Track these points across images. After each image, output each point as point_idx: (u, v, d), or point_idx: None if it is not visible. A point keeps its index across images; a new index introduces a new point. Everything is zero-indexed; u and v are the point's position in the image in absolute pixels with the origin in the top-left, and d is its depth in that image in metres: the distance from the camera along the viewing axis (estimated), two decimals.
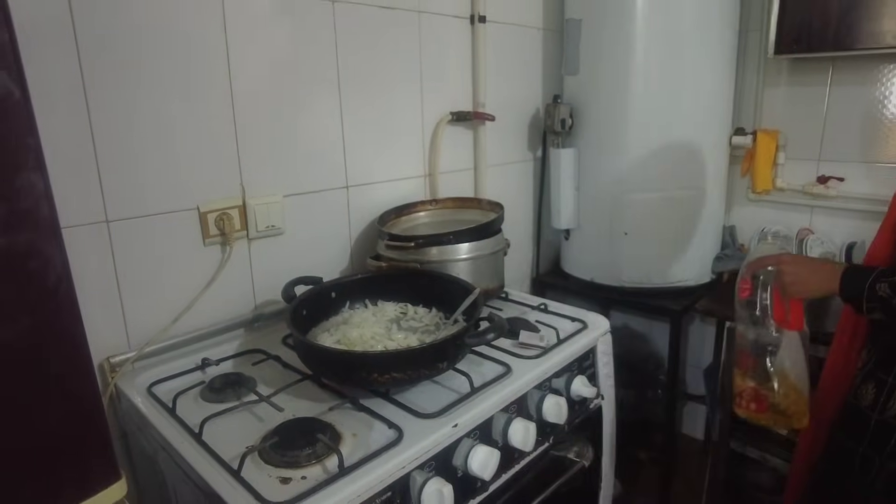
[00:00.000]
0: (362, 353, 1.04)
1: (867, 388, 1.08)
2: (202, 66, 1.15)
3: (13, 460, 0.45)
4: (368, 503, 0.83)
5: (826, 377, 1.24)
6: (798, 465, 1.35)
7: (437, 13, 1.58)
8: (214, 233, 1.21)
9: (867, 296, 0.97)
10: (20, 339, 0.44)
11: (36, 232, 0.43)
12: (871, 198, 1.82)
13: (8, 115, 0.40)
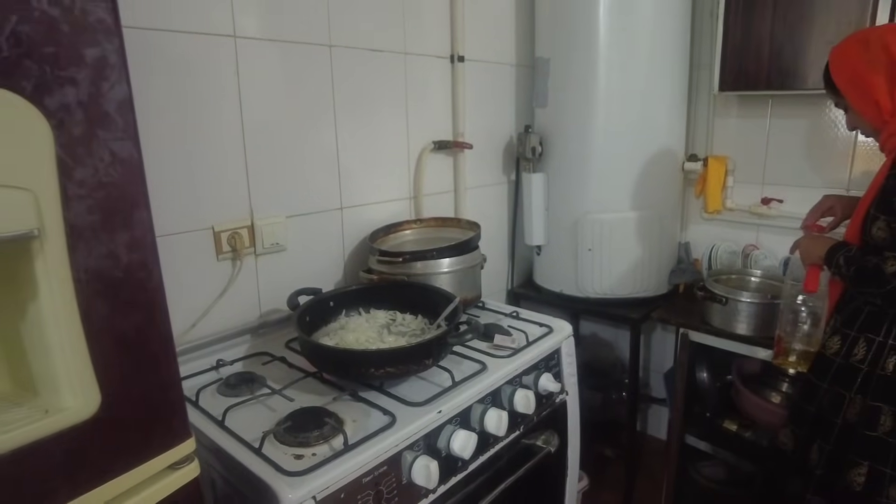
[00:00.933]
0: (362, 351, 1.21)
1: (833, 341, 1.35)
2: (218, 105, 1.32)
3: (126, 416, 0.62)
4: (368, 475, 1.00)
5: None
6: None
7: (421, 54, 1.77)
8: (227, 249, 1.38)
9: (833, 265, 1.30)
10: (133, 329, 0.60)
11: (144, 252, 0.60)
12: None
13: (132, 172, 0.58)
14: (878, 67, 1.25)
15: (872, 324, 1.28)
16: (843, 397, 1.31)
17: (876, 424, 1.26)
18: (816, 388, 1.37)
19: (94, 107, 0.55)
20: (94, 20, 0.54)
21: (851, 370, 1.30)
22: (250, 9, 1.34)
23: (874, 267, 1.19)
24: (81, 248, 0.55)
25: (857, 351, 1.29)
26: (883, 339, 1.26)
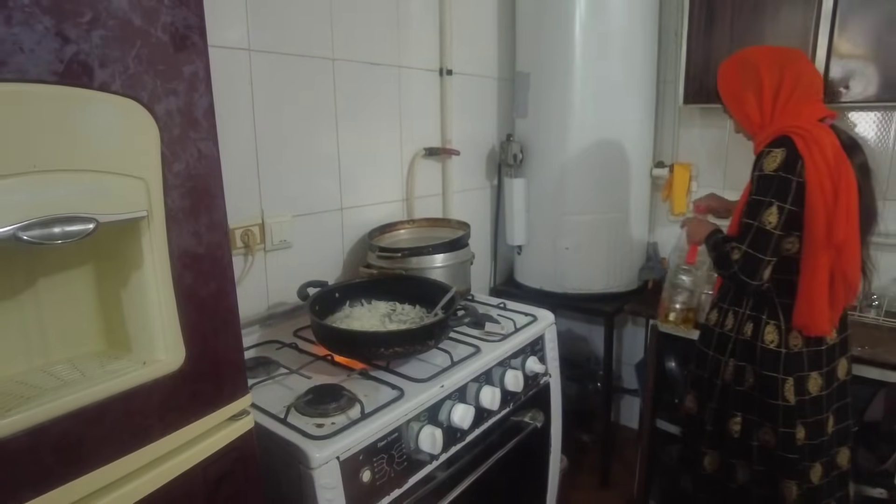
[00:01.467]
0: (374, 333, 1.35)
1: (713, 313, 1.60)
2: (235, 114, 1.45)
3: (204, 370, 0.74)
4: (382, 440, 1.13)
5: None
6: None
7: (413, 68, 1.92)
8: (240, 245, 1.49)
9: (708, 244, 1.53)
10: (211, 296, 0.72)
11: (219, 233, 0.72)
12: None
13: (212, 166, 0.71)
14: (749, 86, 1.45)
15: (737, 298, 1.53)
16: (721, 361, 1.55)
17: (743, 381, 1.51)
18: (705, 356, 1.61)
19: (188, 113, 0.68)
20: (190, 43, 0.67)
21: (725, 338, 1.55)
22: (263, 25, 1.47)
23: (726, 254, 1.41)
24: (175, 228, 0.68)
25: (727, 321, 1.55)
26: (743, 310, 1.51)
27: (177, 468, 0.71)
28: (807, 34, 1.88)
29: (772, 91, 1.43)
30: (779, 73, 1.43)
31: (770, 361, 1.46)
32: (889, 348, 1.75)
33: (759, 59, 1.46)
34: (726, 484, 1.59)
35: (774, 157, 1.35)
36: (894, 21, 1.74)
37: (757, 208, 1.36)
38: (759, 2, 1.95)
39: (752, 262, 1.37)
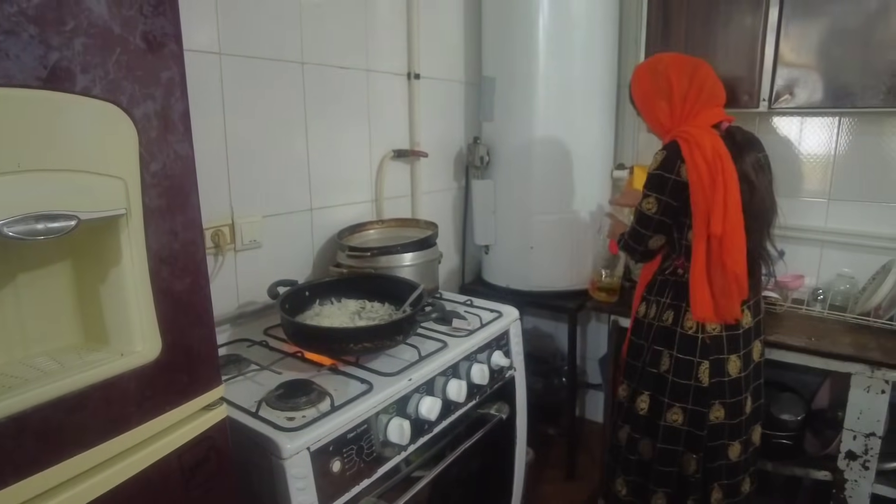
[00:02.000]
0: (343, 329, 1.39)
1: (642, 306, 1.73)
2: (205, 116, 1.47)
3: (179, 360, 0.78)
4: (352, 432, 1.18)
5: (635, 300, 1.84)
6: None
7: (382, 72, 1.97)
8: (210, 245, 1.52)
9: (619, 240, 1.74)
10: (186, 291, 0.76)
11: (194, 230, 0.76)
12: None
13: (188, 167, 0.74)
14: (661, 93, 1.59)
15: (661, 290, 1.66)
16: (644, 346, 1.69)
17: (658, 364, 1.64)
18: (638, 346, 1.72)
19: (165, 116, 0.71)
20: (167, 51, 0.71)
21: (649, 325, 1.68)
22: (233, 29, 1.50)
23: (622, 235, 1.71)
24: (152, 225, 0.71)
25: (651, 311, 1.68)
26: (665, 299, 1.65)
27: (153, 455, 0.75)
28: (755, 42, 1.98)
29: (680, 98, 1.57)
30: (687, 81, 1.57)
31: (688, 346, 1.60)
32: (833, 339, 1.86)
33: (670, 67, 1.60)
34: (628, 456, 1.74)
35: (656, 159, 1.55)
36: (837, 32, 1.85)
37: (642, 199, 1.60)
38: (711, 11, 2.05)
39: (636, 233, 1.64)
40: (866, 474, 1.79)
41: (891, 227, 2.13)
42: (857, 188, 2.18)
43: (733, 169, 1.50)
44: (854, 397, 1.77)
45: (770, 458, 2.00)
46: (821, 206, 2.25)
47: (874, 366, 1.72)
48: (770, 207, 1.62)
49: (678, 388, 1.61)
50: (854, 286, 2.18)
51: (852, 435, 1.79)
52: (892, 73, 1.79)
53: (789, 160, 2.27)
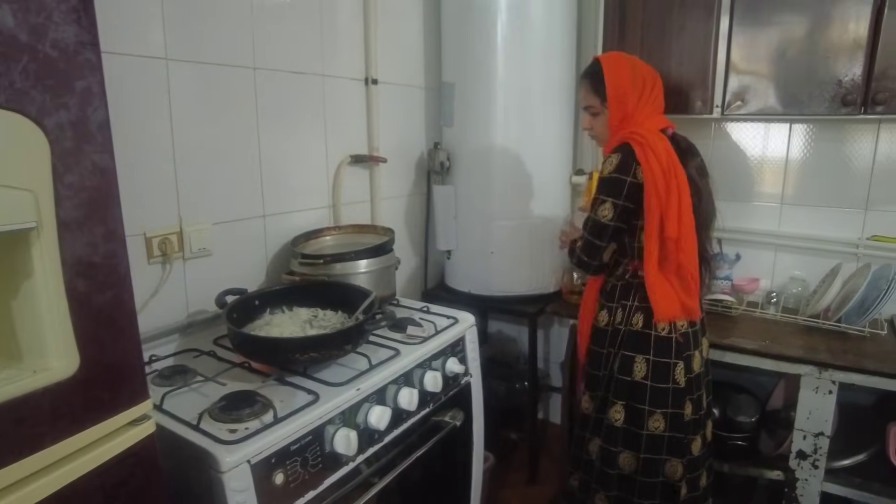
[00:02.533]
0: (288, 339, 1.37)
1: (602, 314, 1.71)
2: (151, 122, 1.44)
3: (99, 376, 0.75)
4: (295, 443, 1.16)
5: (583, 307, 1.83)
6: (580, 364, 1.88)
7: (338, 76, 1.95)
8: (157, 254, 1.49)
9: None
10: (107, 304, 0.74)
11: (116, 242, 0.74)
12: None
13: (108, 178, 0.72)
14: (636, 89, 1.59)
15: (624, 293, 1.64)
16: (610, 354, 1.66)
17: (631, 371, 1.61)
18: (599, 354, 1.71)
19: (81, 126, 0.69)
20: (82, 59, 0.68)
21: (615, 332, 1.66)
22: (180, 34, 1.47)
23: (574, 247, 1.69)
24: (68, 237, 0.69)
25: (617, 316, 1.65)
26: (631, 303, 1.62)
27: (70, 474, 0.72)
28: (707, 50, 2.02)
29: (644, 100, 1.60)
30: (651, 85, 1.62)
31: (663, 348, 1.59)
32: (785, 342, 1.90)
33: (643, 69, 1.64)
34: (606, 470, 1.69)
35: (611, 162, 1.54)
36: (784, 41, 1.89)
37: (595, 205, 1.58)
38: (665, 19, 2.08)
39: (591, 246, 1.62)
40: (816, 473, 1.83)
41: (840, 231, 2.19)
42: (809, 193, 2.23)
43: (684, 172, 1.53)
44: (804, 398, 1.81)
45: (726, 459, 2.03)
46: (774, 210, 2.30)
47: (822, 367, 1.76)
48: (712, 210, 1.66)
49: (658, 394, 1.59)
50: (806, 289, 2.23)
51: (802, 435, 1.83)
52: (835, 82, 1.84)
53: (744, 165, 2.32)
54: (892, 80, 1.77)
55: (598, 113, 1.66)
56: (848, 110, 1.84)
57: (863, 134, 2.11)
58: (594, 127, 1.70)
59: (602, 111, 1.64)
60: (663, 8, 2.07)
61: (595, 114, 1.68)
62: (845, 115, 1.87)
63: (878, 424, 1.89)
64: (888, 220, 2.11)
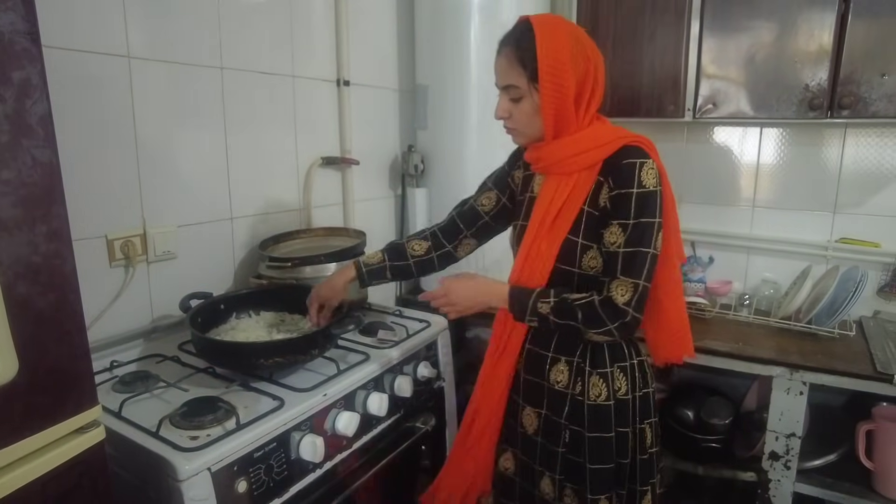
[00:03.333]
0: (252, 343, 1.34)
1: (521, 359, 1.31)
2: (112, 121, 1.40)
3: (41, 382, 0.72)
4: (259, 450, 1.13)
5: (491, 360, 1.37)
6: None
7: (309, 77, 1.93)
8: (119, 257, 1.45)
9: (530, 312, 1.17)
10: (49, 307, 0.70)
11: (60, 242, 0.71)
12: None
13: (50, 175, 0.69)
14: (577, 69, 1.12)
15: (617, 350, 1.24)
16: (627, 435, 1.25)
17: (644, 445, 1.27)
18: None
19: (19, 119, 0.66)
20: (20, 49, 0.65)
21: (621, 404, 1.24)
22: (144, 32, 1.44)
23: (606, 301, 1.12)
24: (6, 236, 0.66)
25: (611, 385, 1.22)
26: (629, 361, 1.25)
27: (10, 485, 0.69)
28: (678, 55, 2.03)
29: (587, 86, 1.15)
30: (594, 72, 1.16)
31: (649, 409, 1.29)
32: (757, 343, 1.91)
33: (589, 45, 1.16)
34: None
35: (652, 170, 1.13)
36: (752, 47, 1.91)
37: (649, 232, 1.11)
38: (637, 25, 2.09)
39: (644, 297, 1.13)
40: (788, 474, 1.84)
41: (809, 234, 2.22)
42: (780, 196, 2.25)
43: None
44: (776, 399, 1.82)
45: (700, 461, 2.03)
46: (746, 213, 2.32)
47: (793, 368, 1.77)
48: None
49: (657, 458, 1.31)
50: (778, 291, 2.25)
51: (775, 436, 1.84)
52: (802, 87, 1.87)
53: (716, 169, 2.34)
54: (856, 85, 1.80)
55: (522, 97, 1.18)
56: (815, 114, 1.87)
57: (830, 138, 2.14)
58: (514, 116, 1.21)
59: (528, 94, 1.16)
60: (635, 13, 2.09)
61: (517, 98, 1.19)
62: (812, 118, 1.89)
63: (848, 425, 1.90)
64: (855, 222, 2.14)
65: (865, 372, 1.68)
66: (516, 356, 1.31)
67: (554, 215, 1.19)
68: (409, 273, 1.46)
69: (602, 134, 1.18)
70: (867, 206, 2.12)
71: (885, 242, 2.10)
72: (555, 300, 1.16)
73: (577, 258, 1.18)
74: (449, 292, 1.28)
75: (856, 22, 1.76)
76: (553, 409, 1.27)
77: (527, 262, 1.23)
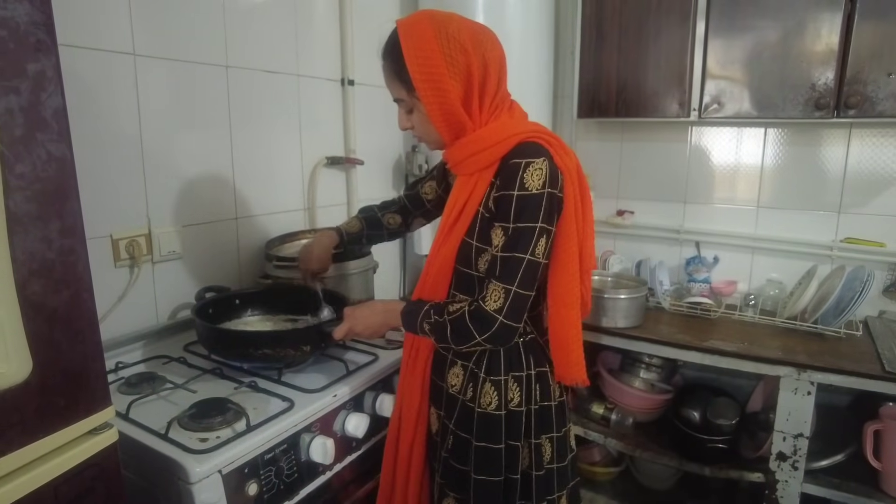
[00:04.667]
0: (241, 332, 1.36)
1: (469, 389, 1.19)
2: (117, 119, 1.39)
3: (54, 382, 0.70)
4: (269, 452, 1.11)
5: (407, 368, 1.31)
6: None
7: (314, 77, 1.91)
8: (125, 256, 1.43)
9: (419, 331, 1.15)
10: (63, 305, 0.68)
11: (74, 238, 0.69)
12: (654, 226, 2.42)
13: (64, 169, 0.67)
14: (456, 71, 1.05)
15: (515, 359, 1.19)
16: (517, 448, 1.20)
17: (541, 462, 1.23)
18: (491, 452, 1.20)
19: (33, 113, 0.65)
20: (35, 41, 0.64)
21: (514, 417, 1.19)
22: (149, 30, 1.42)
23: (474, 312, 1.07)
24: (20, 231, 0.64)
25: (510, 393, 1.18)
26: (526, 372, 1.20)
27: (24, 487, 0.67)
28: (683, 54, 2.03)
29: (479, 82, 1.09)
30: (484, 63, 1.09)
31: (564, 416, 1.27)
32: (763, 343, 1.90)
33: (463, 35, 1.06)
34: None
35: (539, 171, 1.04)
36: (759, 46, 1.91)
37: (526, 237, 1.04)
38: (642, 24, 2.09)
39: (520, 304, 1.06)
40: (796, 474, 1.83)
41: (814, 234, 2.21)
42: (784, 196, 2.25)
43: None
44: (783, 399, 1.81)
45: (706, 462, 2.02)
46: (750, 213, 2.32)
47: (801, 368, 1.76)
48: None
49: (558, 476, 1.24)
50: (783, 291, 2.25)
51: (782, 436, 1.83)
52: (808, 86, 1.86)
53: (720, 169, 2.34)
54: (862, 85, 1.79)
55: (412, 108, 1.14)
56: (821, 114, 1.86)
57: (835, 138, 2.14)
58: (415, 126, 1.18)
59: (414, 105, 1.13)
60: (640, 12, 2.08)
61: (409, 109, 1.16)
62: (819, 118, 1.88)
63: (854, 425, 1.90)
64: (860, 222, 2.14)
65: (874, 371, 1.67)
66: (427, 359, 1.28)
67: (455, 218, 1.15)
68: (381, 240, 1.58)
69: (498, 131, 1.10)
70: (872, 205, 2.11)
71: (890, 242, 2.10)
72: (434, 320, 1.12)
73: (473, 260, 1.14)
74: (353, 324, 1.24)
75: (862, 22, 1.76)
76: (447, 413, 1.24)
77: (433, 265, 1.20)
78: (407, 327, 1.19)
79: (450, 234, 1.16)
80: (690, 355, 1.93)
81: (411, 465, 1.29)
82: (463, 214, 1.14)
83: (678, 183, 2.39)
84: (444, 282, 1.19)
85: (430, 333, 1.14)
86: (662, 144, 2.38)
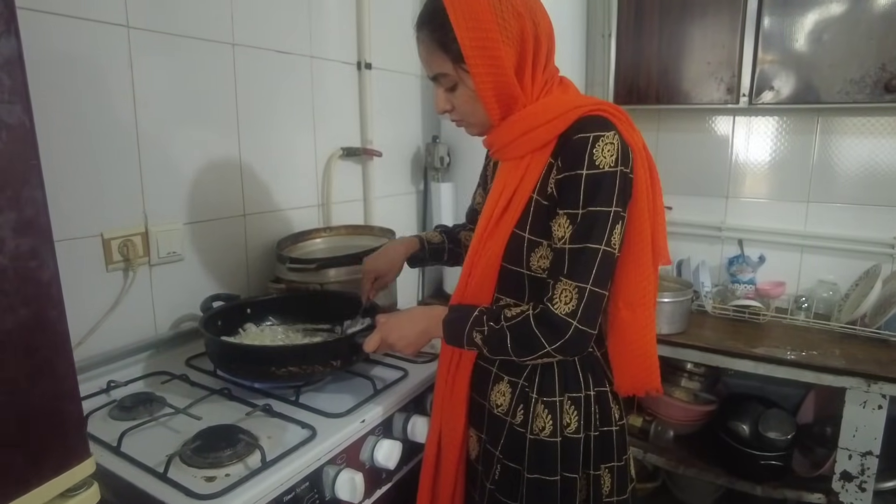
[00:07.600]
0: (261, 347, 1.14)
1: (531, 411, 1.03)
2: (109, 100, 1.20)
3: (9, 433, 0.52)
4: (289, 492, 0.93)
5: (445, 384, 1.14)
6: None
7: (328, 59, 1.73)
8: (118, 259, 1.25)
9: (466, 342, 0.98)
10: (19, 327, 0.51)
11: (36, 237, 0.51)
12: (694, 223, 2.24)
13: (21, 141, 0.49)
14: (509, 35, 0.91)
15: (571, 377, 1.04)
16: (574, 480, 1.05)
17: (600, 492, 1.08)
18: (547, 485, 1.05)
19: None
20: None
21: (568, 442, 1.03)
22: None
23: (540, 316, 0.91)
24: None
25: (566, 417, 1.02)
26: (585, 392, 1.04)
27: None
28: (734, 37, 1.85)
29: (533, 50, 0.94)
30: (541, 26, 0.96)
31: (624, 442, 1.11)
32: (822, 351, 1.73)
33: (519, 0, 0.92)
34: None
35: (611, 146, 0.89)
36: (821, 23, 1.73)
37: (601, 224, 0.89)
38: (686, 4, 1.91)
39: (595, 306, 0.90)
40: (863, 496, 1.66)
41: (873, 231, 2.02)
42: (838, 190, 2.07)
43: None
44: (849, 413, 1.63)
45: (758, 480, 1.85)
46: (800, 208, 2.13)
47: (870, 379, 1.59)
48: None
49: None
50: (836, 293, 2.07)
51: (847, 454, 1.65)
52: (878, 66, 1.68)
53: (767, 161, 2.16)
54: None
55: (455, 84, 0.97)
56: (892, 97, 1.68)
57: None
58: (457, 106, 1.01)
59: (459, 80, 0.96)
60: None
61: (451, 87, 0.98)
62: (888, 102, 1.70)
63: None
64: None
65: None
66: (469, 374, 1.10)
67: (503, 207, 0.99)
68: (458, 261, 1.32)
69: (555, 105, 0.95)
70: None
71: None
72: (488, 327, 0.95)
73: (525, 257, 0.98)
74: (386, 334, 1.06)
75: None
76: (491, 437, 1.08)
77: (476, 264, 1.03)
78: (450, 339, 1.01)
79: (497, 227, 1.00)
80: (742, 364, 1.76)
81: (454, 498, 1.12)
82: (512, 203, 0.98)
83: (720, 176, 2.21)
84: (489, 283, 1.03)
85: (483, 344, 0.96)
86: (703, 135, 2.20)
